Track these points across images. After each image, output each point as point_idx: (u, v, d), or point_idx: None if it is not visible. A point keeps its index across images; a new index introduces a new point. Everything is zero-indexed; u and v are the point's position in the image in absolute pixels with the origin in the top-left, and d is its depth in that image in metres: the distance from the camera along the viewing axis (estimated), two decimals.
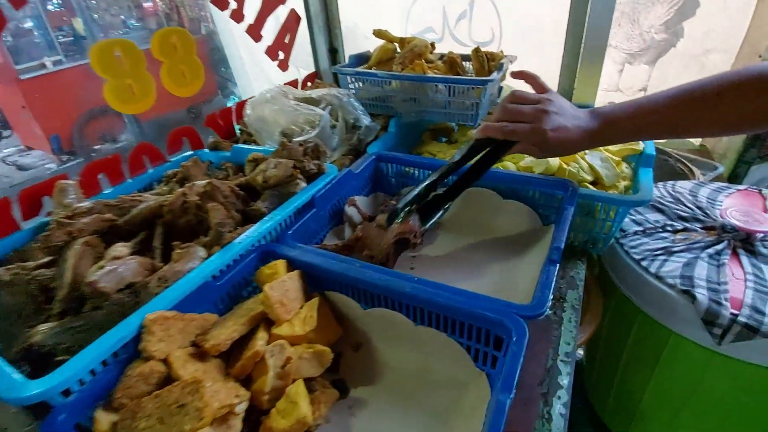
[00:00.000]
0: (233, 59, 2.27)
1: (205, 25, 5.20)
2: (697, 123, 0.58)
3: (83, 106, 4.19)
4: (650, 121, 0.60)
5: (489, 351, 0.52)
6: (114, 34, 4.76)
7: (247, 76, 2.24)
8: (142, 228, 0.71)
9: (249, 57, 2.13)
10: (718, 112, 0.55)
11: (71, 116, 4.23)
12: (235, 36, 2.06)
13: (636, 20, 1.84)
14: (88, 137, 4.36)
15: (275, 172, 0.73)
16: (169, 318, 0.51)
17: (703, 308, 0.74)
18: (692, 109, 0.57)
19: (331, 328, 0.61)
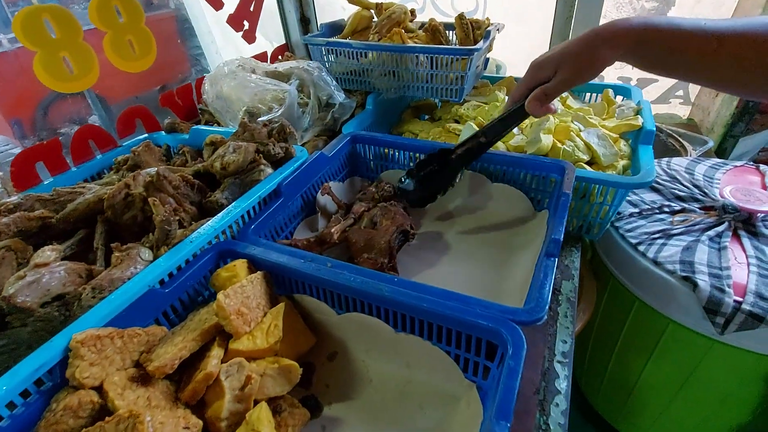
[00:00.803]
0: (202, 34, 2.10)
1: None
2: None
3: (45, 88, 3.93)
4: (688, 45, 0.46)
5: (480, 360, 0.45)
6: (74, 8, 4.43)
7: (218, 52, 2.08)
8: (81, 226, 0.62)
9: (219, 32, 1.97)
10: None
11: (33, 98, 3.97)
12: (204, 9, 1.90)
13: None
14: (53, 120, 4.12)
15: (235, 158, 0.64)
16: (102, 337, 0.43)
17: (705, 296, 0.69)
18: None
19: (303, 337, 0.53)
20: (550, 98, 0.58)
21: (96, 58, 0.80)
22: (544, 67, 0.57)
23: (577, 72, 0.54)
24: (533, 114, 0.60)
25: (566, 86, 0.56)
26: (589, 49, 0.52)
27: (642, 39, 0.49)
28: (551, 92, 0.57)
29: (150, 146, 0.80)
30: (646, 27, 0.49)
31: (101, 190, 0.63)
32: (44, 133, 4.16)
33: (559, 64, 0.55)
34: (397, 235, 0.63)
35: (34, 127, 4.27)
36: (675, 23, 0.47)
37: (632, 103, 0.87)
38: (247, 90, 0.78)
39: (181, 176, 0.62)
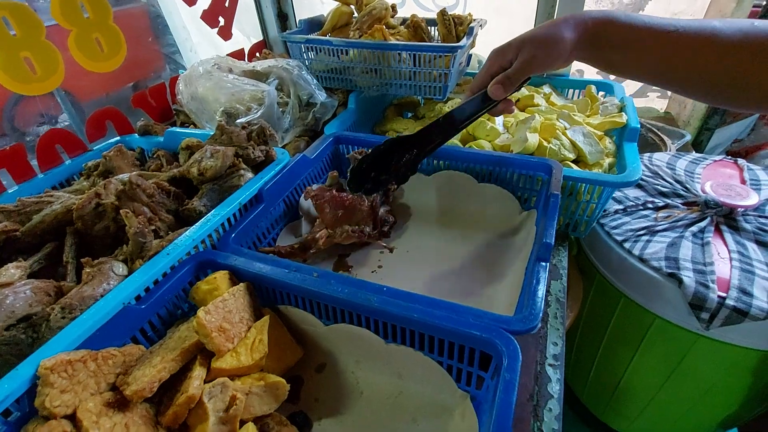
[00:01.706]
0: (176, 30, 2.03)
1: None
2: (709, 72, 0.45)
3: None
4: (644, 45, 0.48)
5: (473, 370, 0.44)
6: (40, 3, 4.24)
7: (193, 48, 2.01)
8: (49, 238, 0.58)
9: (195, 27, 1.90)
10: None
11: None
12: (178, 3, 1.83)
13: None
14: (21, 120, 3.94)
15: (212, 163, 0.61)
16: (74, 361, 0.40)
17: (690, 292, 0.70)
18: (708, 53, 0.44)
19: (289, 350, 0.51)
20: (512, 82, 0.55)
21: (60, 58, 0.76)
22: (506, 52, 0.55)
23: (537, 52, 0.52)
24: (495, 97, 0.57)
25: (528, 68, 0.54)
26: (550, 31, 0.52)
27: (600, 29, 0.50)
28: (513, 75, 0.55)
29: (122, 150, 0.76)
30: (607, 17, 0.50)
31: (70, 200, 0.59)
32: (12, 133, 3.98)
33: (520, 47, 0.54)
34: (379, 196, 0.58)
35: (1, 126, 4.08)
36: (635, 18, 0.48)
37: (615, 100, 0.87)
38: (223, 90, 0.75)
39: (156, 183, 0.59)
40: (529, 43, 0.53)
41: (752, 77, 0.43)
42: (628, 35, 0.48)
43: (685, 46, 0.45)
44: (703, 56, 0.45)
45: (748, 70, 0.43)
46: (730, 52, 0.43)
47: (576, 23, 0.51)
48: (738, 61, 0.43)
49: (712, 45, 0.44)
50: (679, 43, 0.45)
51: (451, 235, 0.72)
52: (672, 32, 0.45)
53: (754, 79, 0.43)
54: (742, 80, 0.44)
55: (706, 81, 0.47)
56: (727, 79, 0.45)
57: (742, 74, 0.44)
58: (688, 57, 0.46)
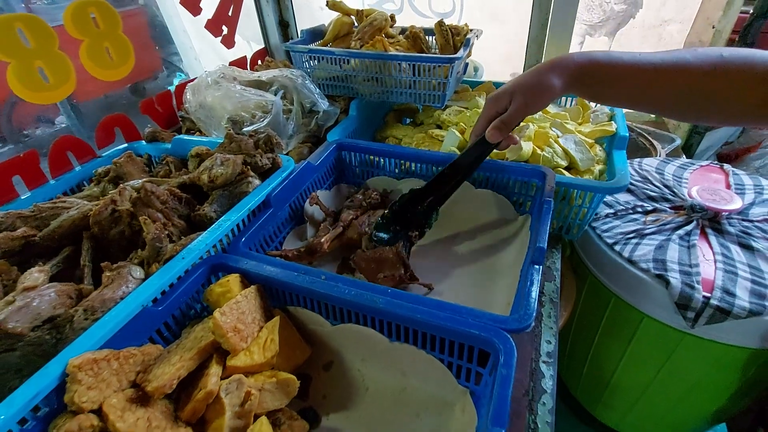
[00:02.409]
0: (176, 33, 2.05)
1: None
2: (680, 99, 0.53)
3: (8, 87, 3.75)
4: (620, 80, 0.55)
5: (472, 367, 0.47)
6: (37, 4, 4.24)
7: (193, 53, 2.04)
8: (66, 243, 0.61)
9: (195, 31, 1.93)
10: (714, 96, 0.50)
11: None
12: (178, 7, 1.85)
13: None
14: (19, 122, 3.93)
15: (223, 171, 0.64)
16: (99, 360, 0.42)
17: (677, 292, 0.74)
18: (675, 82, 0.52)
19: (298, 349, 0.54)
20: (507, 126, 0.62)
21: (72, 67, 0.78)
22: (500, 99, 0.61)
23: (529, 100, 0.59)
24: (492, 141, 0.63)
25: (520, 114, 0.60)
26: (539, 79, 0.58)
27: (584, 71, 0.56)
28: (507, 120, 0.61)
29: (132, 157, 0.79)
30: (589, 60, 0.56)
31: (86, 206, 0.62)
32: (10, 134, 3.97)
33: (512, 94, 0.60)
34: (403, 244, 0.64)
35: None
36: (614, 57, 0.55)
37: (606, 109, 0.91)
38: (230, 100, 0.78)
39: (168, 190, 0.62)
40: (520, 91, 0.59)
41: (719, 98, 0.50)
42: (609, 74, 0.55)
43: (661, 79, 0.52)
44: (676, 86, 0.51)
45: (715, 91, 0.50)
46: (699, 81, 0.50)
47: (561, 70, 0.57)
48: (706, 88, 0.50)
49: (683, 76, 0.51)
50: (656, 77, 0.52)
51: (450, 238, 0.75)
52: (649, 69, 0.52)
53: (721, 98, 0.50)
54: (710, 101, 0.51)
55: (678, 106, 0.54)
56: (698, 102, 0.52)
57: (710, 96, 0.50)
58: (663, 88, 0.52)
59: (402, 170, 0.82)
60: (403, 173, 0.82)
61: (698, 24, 1.68)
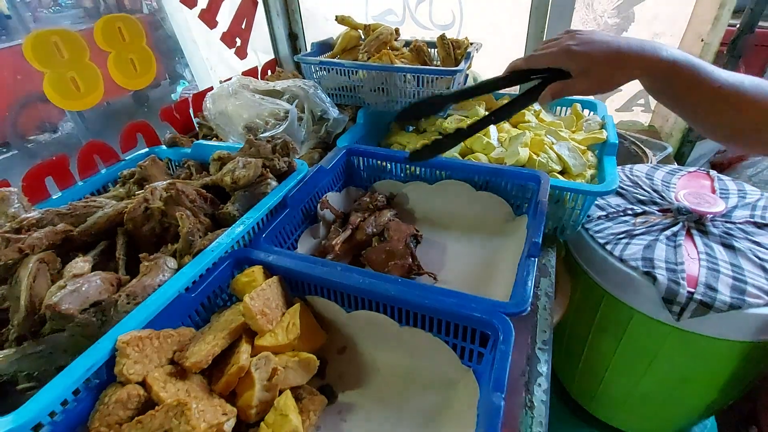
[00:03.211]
0: (186, 43, 2.12)
1: (148, 3, 4.83)
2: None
3: (15, 94, 3.81)
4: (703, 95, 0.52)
5: (474, 348, 0.53)
6: (43, 13, 4.33)
7: (202, 63, 2.10)
8: (101, 238, 0.66)
9: (204, 42, 1.99)
10: None
11: (1, 105, 3.84)
12: (188, 18, 1.92)
13: (590, 5, 1.89)
14: (23, 127, 3.99)
15: (245, 173, 0.69)
16: (143, 337, 0.48)
17: (663, 288, 0.79)
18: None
19: (315, 334, 0.60)
20: (565, 95, 0.59)
21: (101, 76, 0.85)
22: (576, 60, 0.56)
23: (597, 85, 0.56)
24: (541, 103, 0.61)
25: (585, 94, 0.59)
26: (620, 70, 0.55)
27: (677, 72, 0.53)
28: (569, 93, 0.58)
29: (156, 160, 0.84)
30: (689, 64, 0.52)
31: (119, 205, 0.67)
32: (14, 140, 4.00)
33: (588, 67, 0.56)
34: (410, 239, 0.70)
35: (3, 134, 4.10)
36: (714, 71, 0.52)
37: (598, 118, 0.97)
38: (248, 108, 0.84)
39: (195, 190, 0.68)
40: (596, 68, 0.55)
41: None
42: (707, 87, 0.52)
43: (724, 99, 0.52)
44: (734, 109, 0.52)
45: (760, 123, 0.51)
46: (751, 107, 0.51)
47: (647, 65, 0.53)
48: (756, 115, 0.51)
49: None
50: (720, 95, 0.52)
51: (452, 237, 0.81)
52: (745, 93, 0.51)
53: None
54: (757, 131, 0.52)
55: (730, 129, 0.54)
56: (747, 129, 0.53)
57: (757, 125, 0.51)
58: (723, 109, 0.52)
59: (407, 174, 0.88)
60: (408, 177, 0.88)
61: (688, 37, 1.76)
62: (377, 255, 0.70)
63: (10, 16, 3.92)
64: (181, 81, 4.75)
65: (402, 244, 0.69)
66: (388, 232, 0.76)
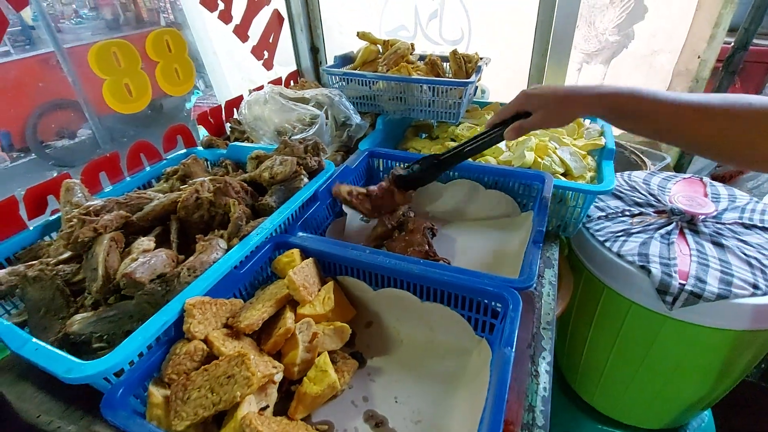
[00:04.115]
0: (206, 55, 2.23)
1: (165, 16, 5.02)
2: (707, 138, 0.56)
3: (36, 101, 3.96)
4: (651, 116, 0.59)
5: (487, 320, 0.61)
6: (65, 24, 4.52)
7: (222, 73, 2.21)
8: (156, 224, 0.75)
9: (225, 54, 2.11)
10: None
11: (23, 111, 3.98)
12: (209, 30, 2.03)
13: (592, 23, 1.99)
14: (42, 133, 4.13)
15: (282, 169, 0.78)
16: (205, 302, 0.56)
17: (657, 280, 0.87)
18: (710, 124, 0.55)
19: (345, 310, 0.68)
20: (525, 132, 0.72)
21: (149, 83, 0.94)
22: (531, 102, 0.70)
23: (551, 120, 0.69)
24: (508, 140, 0.75)
25: (539, 127, 0.72)
26: (567, 108, 0.67)
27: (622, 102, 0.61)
28: (527, 128, 0.71)
29: (197, 159, 0.93)
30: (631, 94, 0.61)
31: (172, 195, 0.76)
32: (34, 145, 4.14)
33: (541, 105, 0.68)
34: (426, 230, 0.78)
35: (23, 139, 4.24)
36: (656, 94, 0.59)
37: (597, 126, 1.06)
38: (280, 113, 0.93)
39: (239, 183, 0.76)
40: (547, 108, 0.67)
41: (731, 138, 0.55)
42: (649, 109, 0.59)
43: (703, 121, 0.56)
44: (696, 122, 0.56)
45: (729, 133, 0.54)
46: (728, 126, 0.54)
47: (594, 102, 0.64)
48: (721, 126, 0.54)
49: (718, 119, 0.55)
50: (695, 118, 0.56)
51: (463, 231, 0.89)
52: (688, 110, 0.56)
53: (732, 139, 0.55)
54: (724, 141, 0.55)
55: (694, 143, 0.59)
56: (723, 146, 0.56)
57: (724, 136, 0.55)
58: (701, 130, 0.56)
59: None
60: None
61: (685, 54, 1.85)
62: (397, 244, 0.79)
63: (33, 27, 4.10)
64: (195, 91, 4.90)
65: (420, 234, 0.77)
66: (407, 225, 0.84)
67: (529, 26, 1.44)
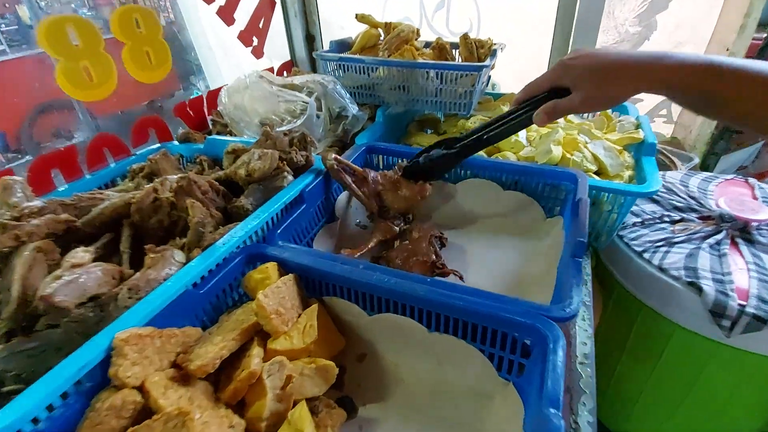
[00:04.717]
0: (201, 49, 2.12)
1: (165, 16, 4.94)
2: None
3: (32, 101, 3.88)
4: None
5: (515, 359, 0.47)
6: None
7: (217, 68, 2.10)
8: (105, 230, 0.61)
9: (220, 48, 2.00)
10: None
11: (18, 111, 3.90)
12: (204, 26, 1.93)
13: (611, 12, 1.85)
14: (38, 134, 4.05)
15: (260, 165, 0.65)
16: (143, 336, 0.43)
17: (711, 300, 0.72)
18: None
19: (333, 339, 0.54)
20: (560, 115, 0.56)
21: (115, 67, 0.82)
22: (570, 74, 0.53)
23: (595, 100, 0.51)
24: (539, 125, 0.59)
25: (580, 110, 0.54)
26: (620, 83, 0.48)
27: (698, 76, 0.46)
28: (563, 110, 0.54)
29: (167, 155, 0.80)
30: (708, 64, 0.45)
31: (126, 195, 0.63)
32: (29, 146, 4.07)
33: (584, 79, 0.51)
34: (434, 238, 0.65)
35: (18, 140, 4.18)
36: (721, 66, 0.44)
37: (631, 118, 0.92)
38: (265, 101, 0.80)
39: (208, 182, 0.63)
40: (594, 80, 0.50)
41: None
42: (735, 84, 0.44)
43: None
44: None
45: None
46: None
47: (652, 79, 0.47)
48: None
49: None
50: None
51: (477, 240, 0.75)
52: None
53: None
54: None
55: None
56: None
57: None
58: None
59: None
60: None
61: (712, 46, 1.71)
62: (398, 254, 0.65)
63: (31, 25, 4.02)
64: (195, 90, 4.81)
65: (425, 242, 0.64)
66: (410, 232, 0.70)
67: (546, 12, 1.31)
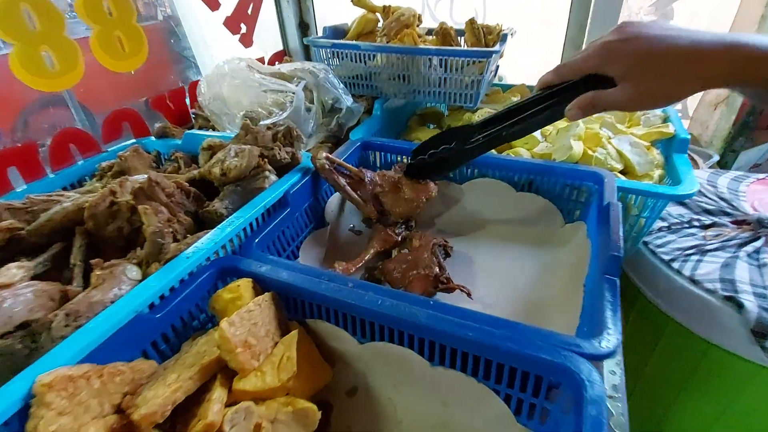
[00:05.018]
0: (196, 45, 2.04)
1: (162, 10, 4.85)
2: None
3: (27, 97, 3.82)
4: None
5: (537, 402, 0.38)
6: None
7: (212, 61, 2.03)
8: (56, 239, 0.53)
9: (215, 42, 1.93)
10: None
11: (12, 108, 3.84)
12: (199, 19, 1.85)
13: (626, 0, 1.75)
14: (33, 131, 3.99)
15: (237, 162, 0.56)
16: (76, 377, 0.34)
17: (753, 318, 0.63)
18: None
19: (318, 371, 0.45)
20: (600, 110, 0.45)
21: (80, 54, 0.73)
22: (615, 61, 0.42)
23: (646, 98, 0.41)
24: (571, 120, 0.48)
25: (627, 109, 0.43)
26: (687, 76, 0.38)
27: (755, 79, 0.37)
28: (605, 105, 0.44)
29: (139, 151, 0.72)
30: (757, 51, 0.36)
31: (81, 199, 0.54)
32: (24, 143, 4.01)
33: (632, 69, 0.41)
34: (437, 248, 0.56)
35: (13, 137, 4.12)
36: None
37: (657, 111, 0.83)
38: (249, 90, 0.71)
39: (175, 183, 0.55)
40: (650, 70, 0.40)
41: None
42: None
43: None
44: None
45: None
46: None
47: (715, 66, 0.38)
48: None
49: None
50: None
51: (487, 249, 0.66)
52: None
53: None
54: None
55: None
56: None
57: None
58: None
59: None
60: None
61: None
62: (396, 265, 0.56)
63: None
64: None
65: (427, 251, 0.55)
66: (410, 240, 0.62)
67: (549, 7, 1.21)
